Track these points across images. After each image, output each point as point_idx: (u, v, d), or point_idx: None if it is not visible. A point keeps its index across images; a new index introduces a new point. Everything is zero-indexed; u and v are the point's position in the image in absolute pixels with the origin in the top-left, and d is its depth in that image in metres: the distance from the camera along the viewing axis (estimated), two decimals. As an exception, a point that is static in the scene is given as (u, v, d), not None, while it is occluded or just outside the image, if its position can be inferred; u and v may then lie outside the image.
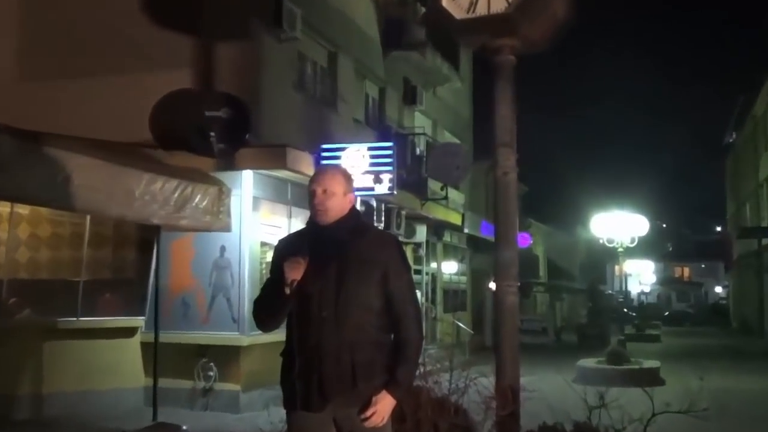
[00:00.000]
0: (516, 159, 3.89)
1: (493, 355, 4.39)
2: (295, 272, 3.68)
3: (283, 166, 12.66)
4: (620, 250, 22.36)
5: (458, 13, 3.74)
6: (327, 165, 4.17)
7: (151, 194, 9.39)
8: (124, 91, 13.25)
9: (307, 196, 3.89)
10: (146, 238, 12.23)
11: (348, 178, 3.95)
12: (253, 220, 12.85)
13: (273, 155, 12.67)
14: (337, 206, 3.81)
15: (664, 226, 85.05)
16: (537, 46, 3.92)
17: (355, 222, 3.87)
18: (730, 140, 49.45)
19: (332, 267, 3.74)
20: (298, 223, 13.92)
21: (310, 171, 13.25)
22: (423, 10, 19.60)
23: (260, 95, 13.36)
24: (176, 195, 9.77)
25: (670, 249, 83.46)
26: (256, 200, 12.96)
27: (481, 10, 3.69)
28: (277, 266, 3.85)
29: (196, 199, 10.11)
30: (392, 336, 3.78)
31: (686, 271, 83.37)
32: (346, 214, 3.83)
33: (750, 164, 42.06)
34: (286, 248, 3.87)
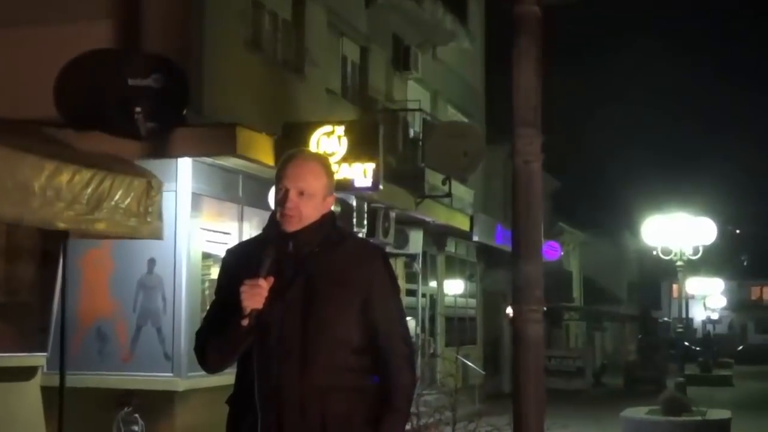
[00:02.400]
0: (542, 143, 3.89)
1: (511, 403, 4.38)
2: (255, 298, 3.67)
3: (233, 151, 12.65)
4: (680, 264, 22.43)
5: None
6: (303, 153, 4.09)
7: (56, 189, 9.36)
8: (18, 49, 13.20)
9: (272, 193, 3.88)
10: (48, 247, 12.17)
11: (331, 173, 3.95)
12: (193, 224, 12.84)
13: (219, 137, 12.65)
14: (312, 212, 3.81)
15: (738, 232, 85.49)
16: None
17: (331, 230, 3.87)
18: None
19: (297, 288, 3.73)
20: (252, 229, 13.92)
21: (268, 158, 13.26)
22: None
23: (202, 57, 13.35)
24: (90, 190, 9.74)
25: (746, 263, 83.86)
26: (196, 197, 12.95)
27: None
28: (225, 286, 3.84)
29: (117, 196, 10.07)
30: (376, 380, 3.78)
31: (766, 291, 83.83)
32: (318, 219, 3.82)
33: None
34: (240, 263, 3.85)
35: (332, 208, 3.96)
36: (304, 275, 3.74)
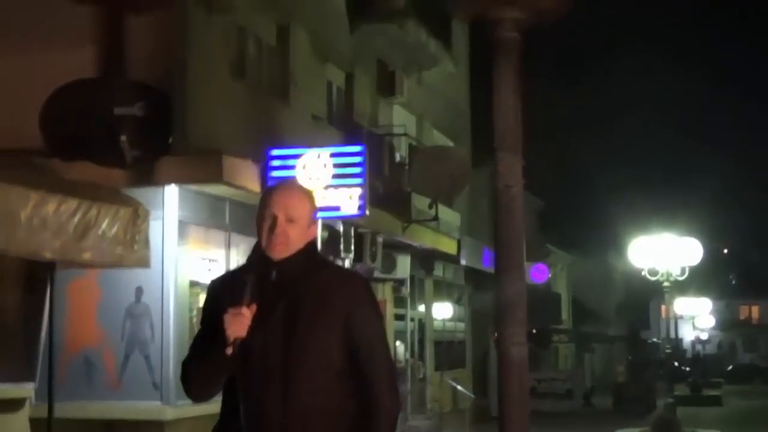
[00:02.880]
0: (523, 167, 3.93)
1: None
2: (239, 327, 3.71)
3: (219, 179, 12.67)
4: (667, 284, 22.51)
5: (444, -25, 3.79)
6: (289, 182, 4.22)
7: (42, 219, 9.36)
8: (2, 78, 13.21)
9: (257, 221, 3.92)
10: (36, 277, 12.16)
11: (314, 202, 4.03)
12: (180, 252, 12.84)
13: (205, 165, 12.69)
14: (298, 238, 3.87)
15: (726, 251, 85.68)
16: (548, 15, 3.98)
17: (313, 258, 3.92)
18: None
19: (279, 313, 3.77)
20: (239, 255, 13.91)
21: (254, 185, 13.29)
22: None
23: (186, 84, 13.37)
24: (76, 220, 9.75)
25: (734, 282, 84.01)
26: (183, 225, 12.96)
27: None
28: (210, 316, 3.87)
29: (103, 225, 10.08)
30: (358, 404, 3.81)
31: (755, 311, 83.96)
32: (302, 248, 3.87)
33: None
34: (224, 292, 3.89)
35: (316, 235, 4.02)
36: (286, 301, 3.79)
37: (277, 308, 3.78)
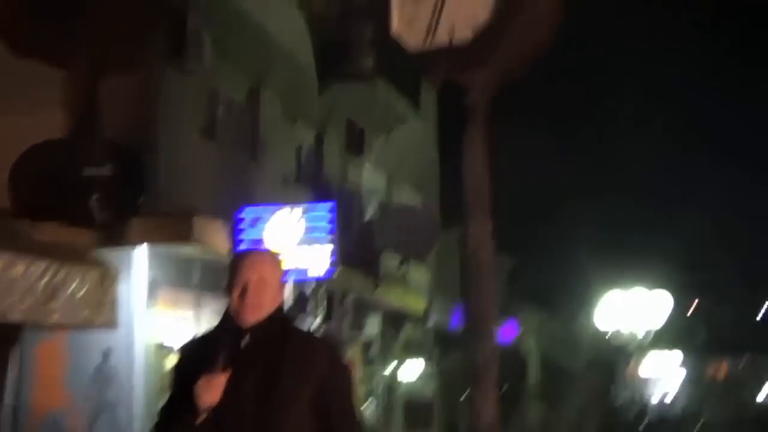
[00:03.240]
0: (492, 228, 3.98)
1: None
2: (212, 394, 3.71)
3: (189, 239, 12.65)
4: (636, 341, 22.56)
5: (413, 40, 3.87)
6: (259, 249, 4.32)
7: (11, 281, 9.31)
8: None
9: (227, 286, 3.92)
10: (2, 339, 12.06)
11: (283, 270, 4.09)
12: (149, 314, 12.76)
13: (176, 225, 12.66)
14: (269, 303, 3.89)
15: (695, 305, 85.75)
16: (514, 73, 4.06)
17: (283, 324, 3.93)
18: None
19: (252, 380, 3.77)
20: (209, 315, 13.84)
21: (225, 245, 13.29)
22: (370, 30, 19.92)
23: (158, 145, 13.40)
24: (44, 282, 9.69)
25: (704, 335, 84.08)
26: (153, 286, 12.90)
27: (441, 37, 3.83)
28: (182, 381, 3.87)
29: (72, 287, 10.03)
30: None
31: (725, 365, 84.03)
32: (272, 314, 3.89)
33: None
34: (196, 358, 3.89)
35: (284, 299, 4.04)
36: (259, 368, 3.79)
37: (249, 376, 3.78)
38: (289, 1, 18.18)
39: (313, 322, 16.84)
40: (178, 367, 4.01)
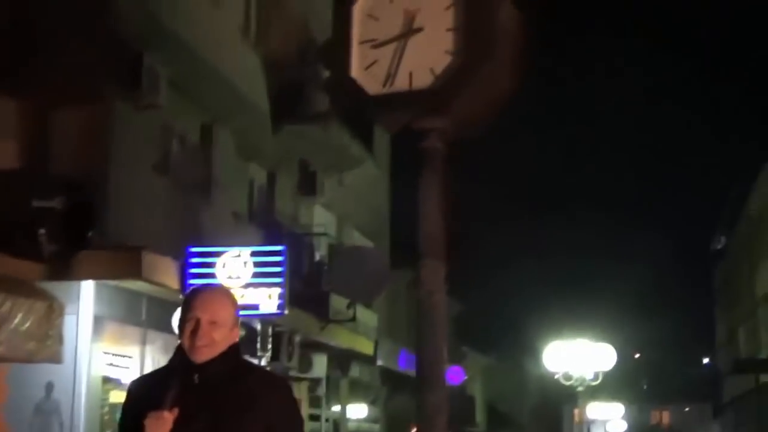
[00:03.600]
0: (446, 274, 3.98)
1: None
2: (159, 431, 3.67)
3: (138, 275, 12.56)
4: (581, 389, 22.66)
5: (372, 86, 3.88)
6: (212, 286, 4.24)
7: (-45, 311, 9.18)
8: None
9: (179, 324, 3.90)
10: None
11: (236, 305, 4.03)
12: (94, 348, 12.63)
13: (124, 260, 12.57)
14: (222, 342, 3.86)
15: (637, 356, 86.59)
16: (472, 128, 4.07)
17: (235, 362, 3.91)
18: (719, 246, 51.21)
19: (201, 419, 3.73)
20: (155, 352, 13.74)
21: (173, 282, 13.20)
22: (327, 72, 20.00)
23: (109, 179, 13.32)
24: (-11, 313, 9.57)
25: (646, 387, 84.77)
26: (98, 321, 12.77)
27: (400, 83, 3.83)
28: (130, 418, 3.83)
29: (17, 319, 9.92)
30: None
31: (666, 416, 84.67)
32: (224, 351, 3.86)
33: (744, 277, 43.51)
34: (144, 395, 3.85)
35: (238, 337, 4.01)
36: (209, 407, 3.76)
37: (199, 414, 3.75)
38: (245, 42, 18.24)
39: (260, 362, 16.75)
40: (126, 405, 3.96)
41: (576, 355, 22.39)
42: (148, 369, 12.87)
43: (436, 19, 3.77)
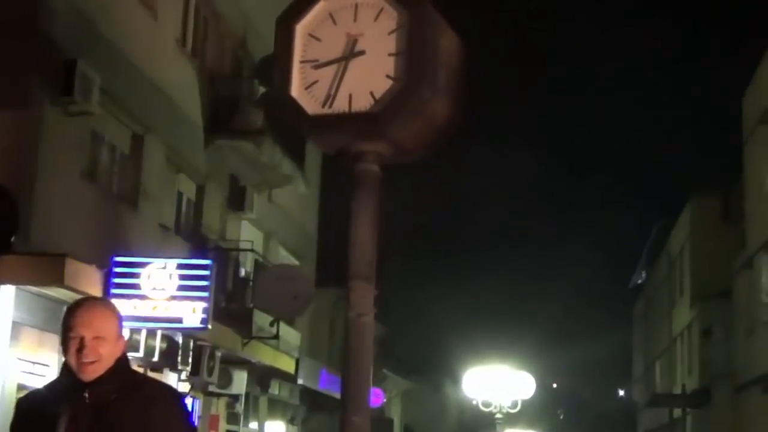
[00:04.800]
0: (375, 296, 3.98)
1: None
2: None
3: (60, 282, 12.39)
4: (499, 416, 22.79)
5: (311, 106, 3.88)
6: (91, 300, 4.19)
7: None
8: None
9: (62, 342, 3.84)
10: None
11: (119, 316, 3.95)
12: (11, 355, 12.42)
13: (47, 267, 12.39)
14: (109, 355, 3.79)
15: (555, 386, 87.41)
16: (410, 154, 4.08)
17: (126, 375, 3.85)
18: (640, 281, 51.97)
19: None
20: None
21: (96, 291, 13.04)
22: (261, 89, 20.00)
23: (35, 184, 13.14)
24: None
25: (562, 417, 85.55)
26: (16, 327, 12.57)
27: (340, 105, 3.84)
28: None
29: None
30: None
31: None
32: (113, 366, 3.80)
33: (662, 313, 44.20)
34: (37, 415, 3.78)
35: (125, 349, 3.96)
36: (100, 425, 3.70)
37: None
38: (182, 54, 18.17)
39: (180, 375, 16.60)
40: (16, 422, 3.88)
41: (496, 382, 22.54)
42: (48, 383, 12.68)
43: (379, 44, 3.79)
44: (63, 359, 3.86)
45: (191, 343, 16.24)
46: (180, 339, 15.75)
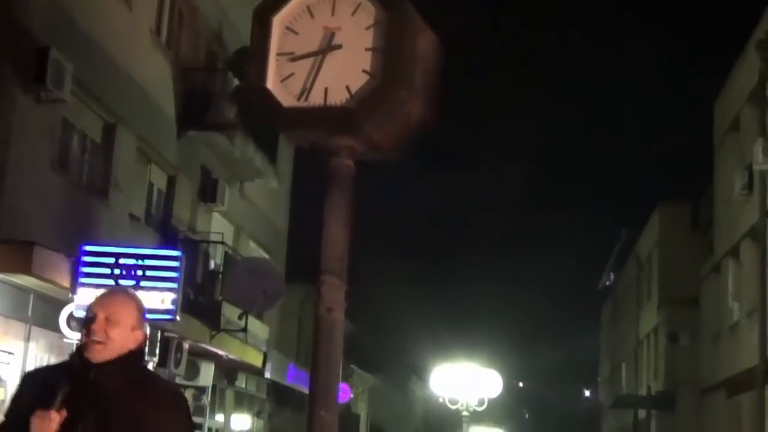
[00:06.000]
0: (346, 292, 3.98)
1: None
2: (44, 430, 3.58)
3: (27, 270, 12.30)
4: (466, 414, 22.83)
5: (287, 99, 3.85)
6: (117, 287, 4.27)
7: None
8: None
9: (81, 323, 3.85)
10: None
11: (141, 311, 3.96)
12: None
13: (14, 254, 12.31)
14: (119, 341, 3.78)
15: (521, 385, 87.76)
16: (384, 152, 4.07)
17: (136, 369, 3.84)
18: (608, 283, 52.23)
19: (89, 425, 3.66)
20: (38, 350, 13.46)
21: (64, 279, 12.95)
22: (236, 82, 19.93)
23: (5, 172, 13.04)
24: None
25: (527, 416, 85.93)
26: (-18, 314, 12.47)
27: (315, 99, 3.82)
28: (16, 411, 3.74)
29: None
30: None
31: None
32: (125, 355, 3.79)
33: (629, 317, 44.44)
34: (35, 390, 3.76)
35: (142, 342, 3.94)
36: (100, 414, 3.68)
37: (88, 416, 3.67)
38: (156, 45, 18.08)
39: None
40: (18, 396, 3.87)
41: (463, 380, 22.57)
42: (31, 366, 12.60)
43: (356, 38, 3.77)
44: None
45: (159, 334, 16.16)
46: (147, 330, 15.65)
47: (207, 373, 20.42)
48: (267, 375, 23.80)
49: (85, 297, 12.42)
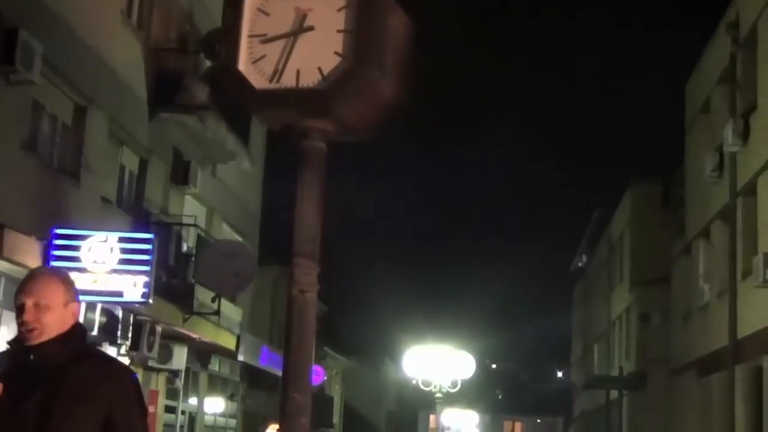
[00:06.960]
0: (318, 273, 3.98)
1: None
2: None
3: (-2, 253, 12.24)
4: (439, 395, 22.91)
5: (258, 81, 3.85)
6: (40, 269, 4.25)
7: None
8: None
9: (15, 304, 3.85)
10: None
11: (69, 284, 3.95)
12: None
13: (-16, 238, 12.23)
14: (54, 323, 3.79)
15: (494, 366, 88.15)
16: (356, 134, 4.07)
17: (76, 343, 3.84)
18: (580, 264, 52.48)
19: (33, 402, 3.67)
20: (10, 333, 13.37)
21: (35, 262, 12.88)
22: (208, 63, 19.84)
23: (-26, 154, 12.95)
24: None
25: (500, 397, 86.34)
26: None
27: (287, 81, 3.81)
28: None
29: None
30: None
31: (518, 427, 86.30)
32: (65, 332, 3.80)
33: (601, 297, 44.70)
34: None
35: (77, 318, 3.94)
36: (42, 389, 3.69)
37: (32, 395, 3.68)
38: (127, 26, 17.96)
39: (119, 349, 16.48)
40: None
41: (436, 362, 22.64)
42: (1, 350, 12.53)
43: (328, 20, 3.76)
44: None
45: (131, 318, 16.13)
46: (120, 313, 15.62)
47: (180, 357, 20.37)
48: (240, 357, 23.80)
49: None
